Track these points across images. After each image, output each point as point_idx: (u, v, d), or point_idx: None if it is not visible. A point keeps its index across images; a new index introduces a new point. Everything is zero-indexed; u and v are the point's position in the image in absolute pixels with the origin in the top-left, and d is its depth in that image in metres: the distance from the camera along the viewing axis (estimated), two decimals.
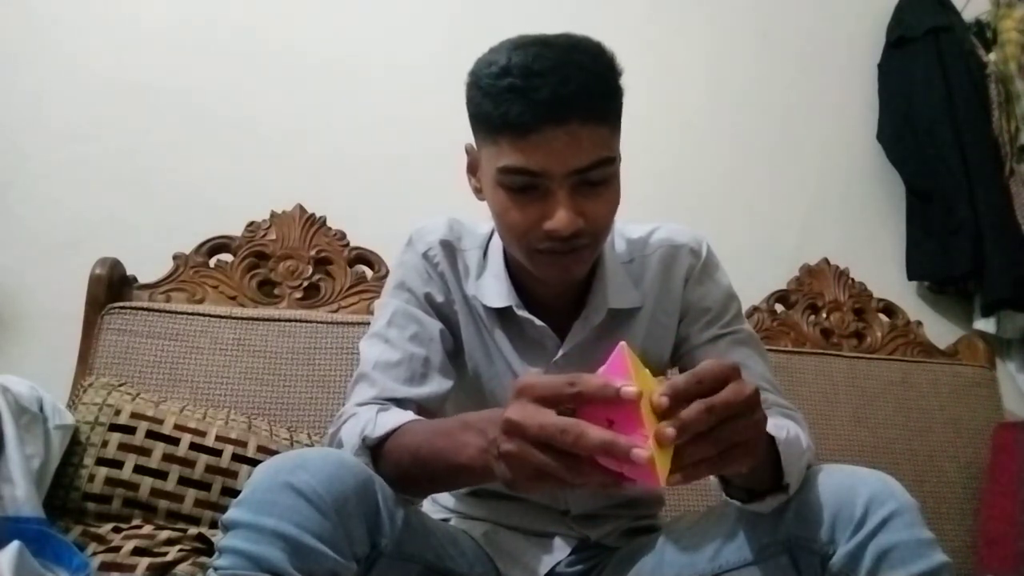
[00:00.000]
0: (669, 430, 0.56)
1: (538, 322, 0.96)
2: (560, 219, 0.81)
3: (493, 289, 0.97)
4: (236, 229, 1.65)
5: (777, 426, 0.77)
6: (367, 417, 0.84)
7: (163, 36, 1.77)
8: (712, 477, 0.71)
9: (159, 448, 1.26)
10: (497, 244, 0.99)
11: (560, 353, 0.97)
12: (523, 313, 0.96)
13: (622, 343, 0.59)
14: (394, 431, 0.82)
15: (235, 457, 1.29)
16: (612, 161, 0.84)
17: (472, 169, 0.93)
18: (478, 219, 1.03)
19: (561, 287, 0.95)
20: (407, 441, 0.81)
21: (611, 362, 0.60)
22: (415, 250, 0.99)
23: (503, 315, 0.98)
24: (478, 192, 0.93)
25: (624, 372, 0.58)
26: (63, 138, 1.68)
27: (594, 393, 0.57)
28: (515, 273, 0.98)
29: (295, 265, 1.64)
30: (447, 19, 1.93)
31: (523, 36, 0.83)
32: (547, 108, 0.78)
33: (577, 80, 0.78)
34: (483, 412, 0.73)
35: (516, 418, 0.59)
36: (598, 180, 0.83)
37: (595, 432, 0.56)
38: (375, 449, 0.82)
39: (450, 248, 0.99)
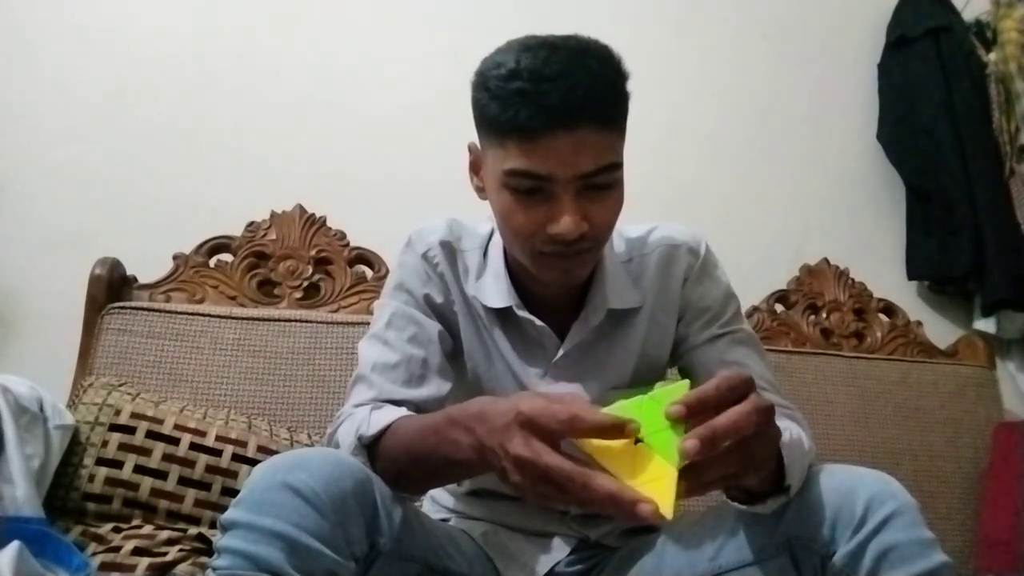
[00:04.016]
0: (690, 442, 0.58)
1: (538, 322, 0.96)
2: (565, 224, 0.81)
3: (493, 289, 0.97)
4: (236, 229, 1.65)
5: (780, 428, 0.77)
6: (361, 417, 0.85)
7: (162, 37, 1.77)
8: None
9: (159, 448, 1.26)
10: (497, 244, 0.99)
11: (560, 353, 0.97)
12: (523, 313, 0.96)
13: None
14: (387, 428, 0.82)
15: (235, 457, 1.29)
16: (618, 166, 0.84)
17: (475, 168, 0.93)
18: (478, 219, 1.03)
19: (561, 288, 0.95)
20: (400, 438, 0.81)
21: None
22: (414, 251, 0.99)
23: (503, 315, 0.98)
24: (480, 191, 0.93)
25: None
26: (63, 138, 1.68)
27: (591, 430, 0.60)
28: (515, 273, 0.97)
29: (295, 265, 1.64)
30: (447, 19, 1.93)
31: (530, 37, 0.83)
32: (556, 113, 0.78)
33: (586, 85, 0.78)
34: (467, 407, 0.73)
35: (524, 455, 0.62)
36: (603, 185, 0.83)
37: (601, 483, 0.58)
38: (372, 448, 0.83)
39: (450, 249, 0.99)
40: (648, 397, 0.61)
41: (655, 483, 0.58)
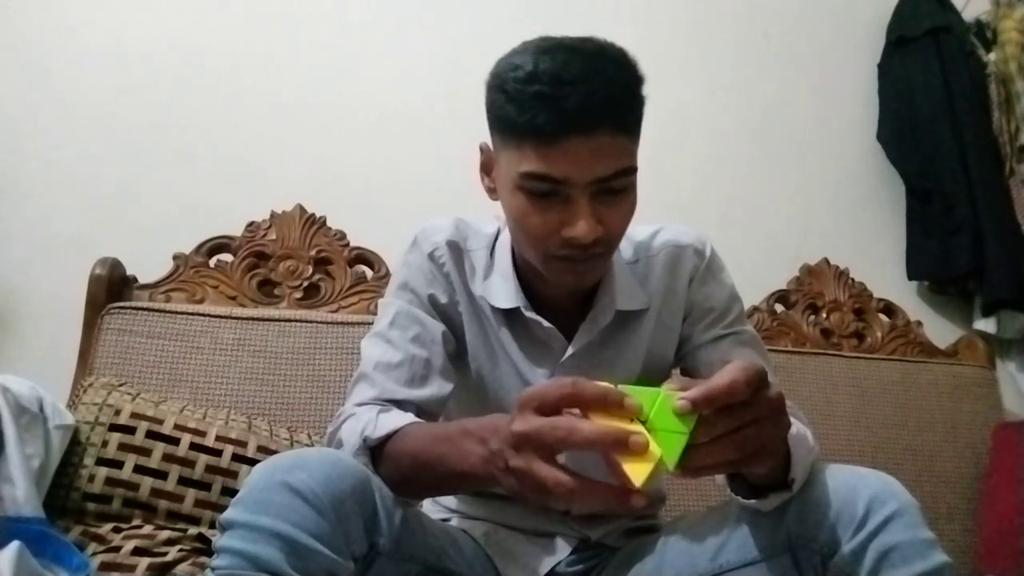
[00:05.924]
0: (682, 402, 0.58)
1: (546, 323, 0.96)
2: (581, 228, 0.81)
3: (500, 290, 0.97)
4: (236, 229, 1.64)
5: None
6: (367, 418, 0.84)
7: (162, 37, 1.77)
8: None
9: (159, 448, 1.26)
10: (504, 244, 0.99)
11: (567, 355, 0.97)
12: (531, 314, 0.96)
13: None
14: (395, 433, 0.82)
15: (235, 457, 1.29)
16: (633, 170, 0.84)
17: (486, 169, 0.93)
18: (483, 219, 1.03)
19: (571, 291, 0.95)
20: (408, 444, 0.81)
21: None
22: (420, 250, 0.99)
23: (510, 316, 0.98)
24: (491, 192, 0.92)
25: None
26: (63, 138, 1.68)
27: (593, 398, 0.60)
28: (522, 274, 0.97)
29: (295, 265, 1.64)
30: (448, 19, 1.93)
31: (547, 39, 0.83)
32: (575, 117, 0.78)
33: (605, 90, 0.78)
34: (483, 420, 0.73)
35: (520, 430, 0.62)
36: (619, 188, 0.83)
37: (588, 425, 0.59)
38: (375, 450, 0.82)
39: (456, 248, 0.99)
40: (662, 394, 0.60)
41: (638, 460, 0.57)
